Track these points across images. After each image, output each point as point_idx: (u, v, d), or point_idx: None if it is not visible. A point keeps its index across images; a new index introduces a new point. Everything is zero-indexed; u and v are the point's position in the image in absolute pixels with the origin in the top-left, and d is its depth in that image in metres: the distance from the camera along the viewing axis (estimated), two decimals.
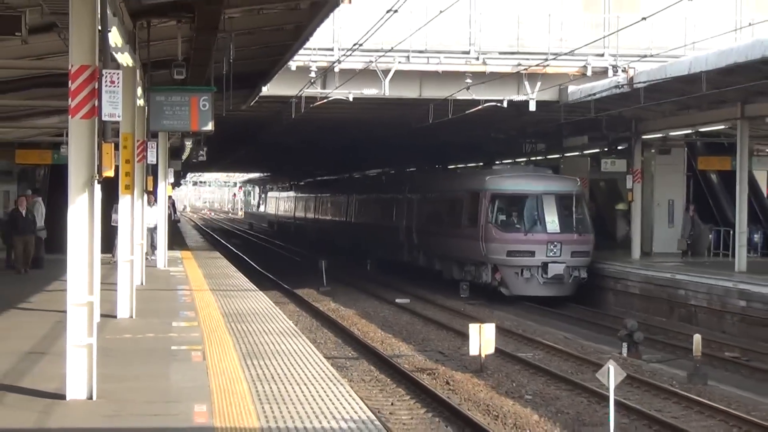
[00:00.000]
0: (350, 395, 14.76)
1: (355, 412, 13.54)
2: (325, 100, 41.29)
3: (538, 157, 55.28)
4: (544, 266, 41.22)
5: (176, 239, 56.08)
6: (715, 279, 35.35)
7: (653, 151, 48.02)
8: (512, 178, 45.37)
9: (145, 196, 30.57)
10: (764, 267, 39.16)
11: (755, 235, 45.92)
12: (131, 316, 22.45)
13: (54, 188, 36.96)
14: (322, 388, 15.14)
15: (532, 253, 41.59)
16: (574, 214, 43.01)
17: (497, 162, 59.90)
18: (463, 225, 46.32)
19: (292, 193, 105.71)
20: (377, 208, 63.21)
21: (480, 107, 41.66)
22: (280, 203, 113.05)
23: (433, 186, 54.34)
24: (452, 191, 50.05)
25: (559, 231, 41.90)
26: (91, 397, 13.57)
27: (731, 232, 41.60)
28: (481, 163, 62.98)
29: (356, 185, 76.33)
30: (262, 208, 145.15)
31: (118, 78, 14.53)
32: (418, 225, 53.64)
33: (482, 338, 24.72)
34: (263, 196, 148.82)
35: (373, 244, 63.41)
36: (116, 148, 21.12)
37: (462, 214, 46.76)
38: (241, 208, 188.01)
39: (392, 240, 57.80)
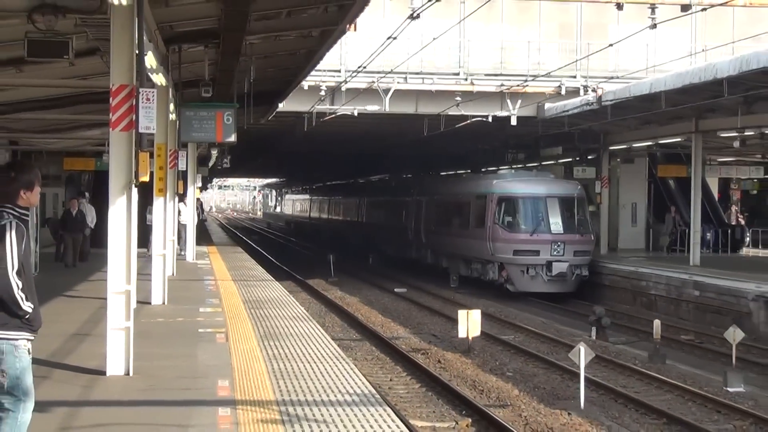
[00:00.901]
0: (354, 372, 14.78)
1: (359, 387, 13.56)
2: (333, 115, 41.29)
3: (519, 165, 54.83)
4: (549, 265, 38.23)
5: (203, 236, 56.07)
6: (673, 272, 35.35)
7: (619, 160, 47.99)
8: (518, 181, 41.74)
9: (176, 198, 30.59)
10: (715, 261, 39.26)
11: (708, 234, 45.97)
12: (164, 303, 22.46)
13: (97, 191, 36.98)
14: (330, 365, 15.15)
15: (537, 253, 38.50)
16: (576, 215, 40.06)
17: (482, 169, 59.34)
18: (470, 226, 43.20)
19: (307, 196, 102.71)
20: (388, 209, 60.05)
21: (468, 122, 41.67)
22: (297, 204, 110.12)
23: (441, 190, 51.39)
24: (460, 194, 46.82)
25: (562, 231, 38.92)
26: (128, 374, 13.62)
27: (687, 231, 41.55)
28: (470, 170, 62.26)
29: (368, 189, 73.81)
30: (278, 209, 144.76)
31: (152, 96, 14.58)
32: (426, 226, 50.43)
33: (469, 323, 24.72)
34: (279, 198, 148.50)
35: (384, 243, 60.39)
36: (151, 156, 21.12)
37: (470, 216, 43.50)
38: (260, 209, 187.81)
39: (401, 239, 54.97)
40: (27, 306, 8.24)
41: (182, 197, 34.43)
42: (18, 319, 8.31)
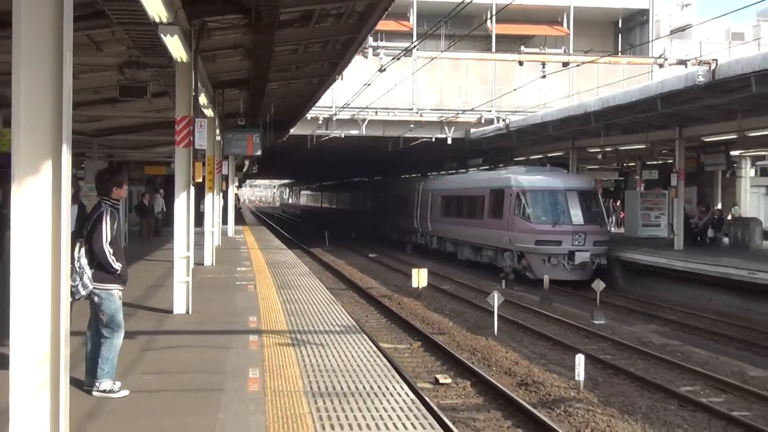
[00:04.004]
0: (342, 311, 14.80)
1: (345, 321, 13.60)
2: (327, 137, 41.16)
3: (452, 170, 54.47)
4: (571, 254, 29.30)
5: (239, 219, 55.88)
6: None
7: None
8: (536, 176, 32.35)
9: (221, 194, 30.49)
10: None
11: None
12: (212, 264, 22.41)
13: (167, 189, 36.75)
14: (324, 306, 15.17)
15: (559, 243, 29.48)
16: (594, 207, 31.13)
17: (429, 173, 58.60)
18: (484, 217, 34.09)
19: (318, 192, 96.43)
20: (395, 202, 50.55)
21: (418, 141, 41.65)
22: (309, 198, 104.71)
23: (448, 185, 42.15)
24: (471, 189, 37.25)
25: (583, 223, 29.73)
26: (188, 312, 13.64)
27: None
28: (419, 174, 61.42)
29: (376, 185, 64.48)
30: (290, 201, 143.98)
31: (204, 123, 14.60)
32: (432, 215, 41.77)
33: (419, 277, 24.72)
34: (291, 193, 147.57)
35: (389, 229, 52.00)
36: (203, 165, 21.05)
37: (484, 208, 34.29)
38: (278, 201, 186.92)
39: (407, 226, 46.41)
40: (117, 265, 8.33)
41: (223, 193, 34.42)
42: (112, 275, 8.36)
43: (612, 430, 11.74)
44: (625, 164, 47.86)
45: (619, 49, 48.42)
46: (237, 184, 58.79)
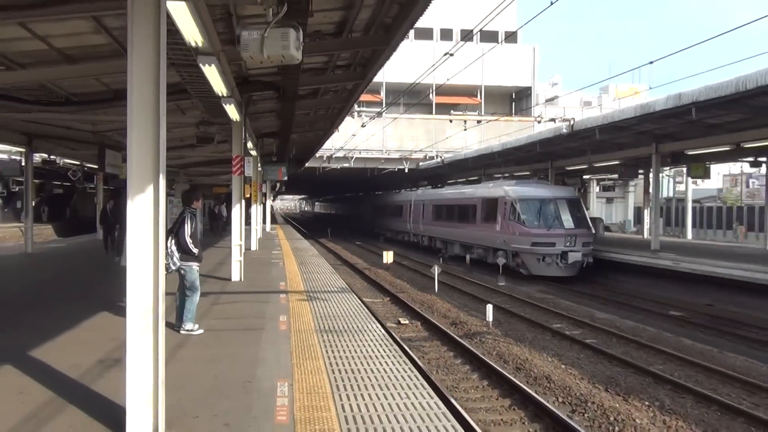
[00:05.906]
0: (339, 278, 14.79)
1: (340, 284, 13.58)
2: (329, 168, 41.11)
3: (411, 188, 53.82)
4: (564, 254, 22.53)
5: (273, 220, 55.54)
6: None
7: None
8: (528, 187, 24.98)
9: (263, 205, 30.27)
10: None
11: None
12: (256, 249, 22.28)
13: (228, 201, 36.60)
14: (327, 276, 15.13)
15: (553, 244, 22.62)
16: (580, 213, 23.71)
17: (416, 187, 55.41)
18: (477, 221, 27.09)
19: (326, 203, 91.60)
20: (389, 209, 44.81)
21: (387, 171, 41.64)
22: (320, 207, 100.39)
23: (438, 196, 34.57)
24: (462, 199, 29.94)
25: (573, 227, 22.84)
26: (241, 280, 13.56)
27: None
28: (388, 191, 60.93)
29: (374, 198, 57.04)
30: (307, 209, 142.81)
31: (250, 160, 14.51)
32: (424, 220, 35.45)
33: (388, 256, 24.74)
34: (307, 204, 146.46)
35: (385, 230, 45.87)
36: (250, 186, 20.92)
37: (476, 214, 27.28)
38: (299, 209, 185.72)
39: (400, 228, 41.03)
40: (195, 250, 8.29)
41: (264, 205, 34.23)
42: (192, 256, 8.32)
43: (510, 352, 11.83)
44: None
45: (513, 112, 48.73)
46: (272, 198, 58.42)
